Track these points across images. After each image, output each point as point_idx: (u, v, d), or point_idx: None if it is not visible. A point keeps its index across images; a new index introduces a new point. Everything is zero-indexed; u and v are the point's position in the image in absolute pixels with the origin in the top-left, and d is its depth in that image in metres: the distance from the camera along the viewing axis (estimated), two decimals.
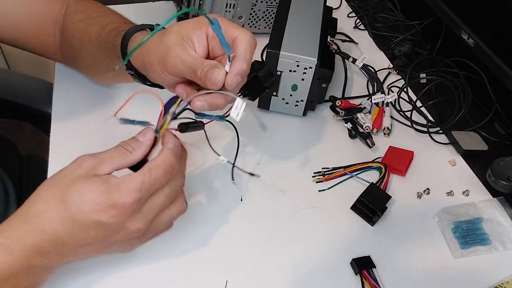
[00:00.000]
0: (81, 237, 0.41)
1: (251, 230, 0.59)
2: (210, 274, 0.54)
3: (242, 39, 0.46)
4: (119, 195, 0.41)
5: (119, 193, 0.41)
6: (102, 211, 0.40)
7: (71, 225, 0.41)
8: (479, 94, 0.77)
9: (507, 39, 0.67)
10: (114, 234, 0.43)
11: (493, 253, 0.59)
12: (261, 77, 0.51)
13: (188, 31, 0.47)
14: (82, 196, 0.40)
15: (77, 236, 0.41)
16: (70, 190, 0.41)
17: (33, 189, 0.45)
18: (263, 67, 0.51)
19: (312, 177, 0.66)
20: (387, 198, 0.62)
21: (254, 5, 0.83)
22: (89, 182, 0.41)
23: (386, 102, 0.76)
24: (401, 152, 0.69)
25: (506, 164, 0.64)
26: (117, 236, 0.43)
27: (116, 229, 0.42)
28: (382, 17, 0.98)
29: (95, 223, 0.41)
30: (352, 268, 0.56)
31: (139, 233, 0.44)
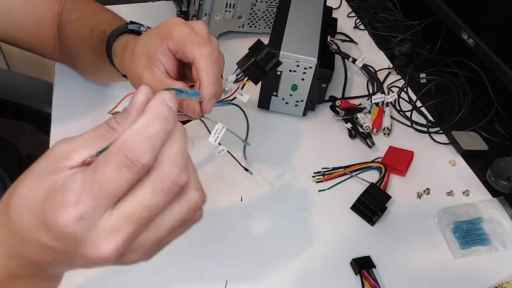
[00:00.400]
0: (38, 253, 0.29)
1: (251, 230, 0.59)
2: (210, 274, 0.54)
3: (200, 61, 0.44)
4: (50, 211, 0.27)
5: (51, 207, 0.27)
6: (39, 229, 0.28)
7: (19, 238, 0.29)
8: (479, 94, 0.77)
9: (507, 39, 0.67)
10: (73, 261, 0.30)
11: (493, 253, 0.59)
12: (260, 61, 0.49)
13: (152, 50, 0.46)
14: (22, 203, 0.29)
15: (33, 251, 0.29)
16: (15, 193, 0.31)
17: None
18: (262, 50, 0.49)
19: (312, 177, 0.66)
20: (387, 198, 0.62)
21: (254, 5, 0.83)
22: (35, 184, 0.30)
23: (386, 102, 0.76)
24: (401, 152, 0.69)
25: (506, 164, 0.64)
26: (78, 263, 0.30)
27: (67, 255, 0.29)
28: (382, 17, 0.98)
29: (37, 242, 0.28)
30: (352, 268, 0.56)
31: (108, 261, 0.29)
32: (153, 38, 0.46)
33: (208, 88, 0.43)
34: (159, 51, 0.45)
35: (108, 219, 0.28)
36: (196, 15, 0.80)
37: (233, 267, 0.54)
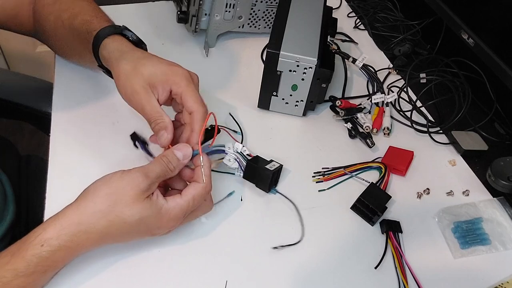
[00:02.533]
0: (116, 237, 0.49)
1: (251, 230, 0.59)
2: (210, 274, 0.54)
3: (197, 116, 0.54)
4: (168, 221, 0.49)
5: (168, 219, 0.49)
6: (151, 232, 0.50)
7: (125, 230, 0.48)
8: (479, 94, 0.77)
9: (507, 39, 0.67)
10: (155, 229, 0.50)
11: (493, 253, 0.59)
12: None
13: (156, 82, 0.54)
14: (139, 220, 0.47)
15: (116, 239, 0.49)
16: (130, 210, 0.47)
17: (32, 189, 0.45)
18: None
19: (312, 177, 0.66)
20: (387, 198, 0.62)
21: (254, 5, 0.83)
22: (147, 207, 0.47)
23: (386, 102, 0.76)
24: (401, 152, 0.69)
25: (506, 164, 0.64)
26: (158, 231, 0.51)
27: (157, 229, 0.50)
28: (382, 17, 0.98)
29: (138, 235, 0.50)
30: (380, 228, 0.60)
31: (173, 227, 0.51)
32: (163, 73, 0.54)
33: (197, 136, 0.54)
34: (161, 87, 0.54)
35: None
36: (196, 15, 0.80)
37: (233, 267, 0.54)
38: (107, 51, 0.58)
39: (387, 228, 0.59)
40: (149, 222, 0.48)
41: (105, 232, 0.46)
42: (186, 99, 0.54)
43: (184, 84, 0.54)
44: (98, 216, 0.46)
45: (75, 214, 0.45)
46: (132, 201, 0.46)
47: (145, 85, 0.53)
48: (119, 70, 0.55)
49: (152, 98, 0.53)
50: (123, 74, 0.54)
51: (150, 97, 0.53)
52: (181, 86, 0.54)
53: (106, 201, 0.46)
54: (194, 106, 0.54)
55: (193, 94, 0.55)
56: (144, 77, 0.53)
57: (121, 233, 0.47)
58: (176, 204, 0.49)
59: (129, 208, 0.46)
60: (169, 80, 0.54)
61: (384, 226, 0.60)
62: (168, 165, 0.50)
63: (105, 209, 0.46)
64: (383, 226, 0.60)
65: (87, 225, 0.45)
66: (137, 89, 0.53)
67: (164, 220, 0.49)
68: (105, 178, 0.48)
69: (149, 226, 0.48)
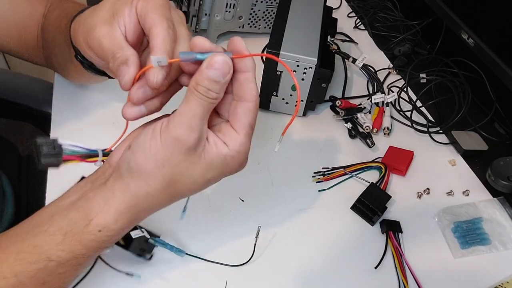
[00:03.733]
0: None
1: (251, 230, 0.58)
2: (210, 274, 0.54)
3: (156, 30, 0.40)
4: (238, 165, 0.42)
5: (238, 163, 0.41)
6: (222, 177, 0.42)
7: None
8: (479, 94, 0.77)
9: (507, 39, 0.67)
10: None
11: (493, 253, 0.59)
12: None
13: (120, 5, 0.41)
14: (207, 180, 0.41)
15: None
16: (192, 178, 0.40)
17: (32, 189, 0.44)
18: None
19: (312, 177, 0.66)
20: (387, 198, 0.62)
21: (254, 5, 0.83)
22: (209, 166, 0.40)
23: (386, 102, 0.76)
24: (401, 152, 0.69)
25: (506, 164, 0.64)
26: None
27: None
28: (382, 17, 0.98)
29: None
30: (380, 228, 0.59)
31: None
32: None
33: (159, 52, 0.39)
34: (127, 8, 0.41)
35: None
36: (196, 15, 0.80)
37: (233, 267, 0.54)
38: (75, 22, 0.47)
39: (387, 228, 0.59)
40: (220, 174, 0.41)
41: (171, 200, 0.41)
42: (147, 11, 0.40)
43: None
44: (156, 196, 0.40)
45: (128, 196, 0.39)
46: (188, 167, 0.39)
47: (107, 17, 0.41)
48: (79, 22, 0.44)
49: (114, 28, 0.41)
50: (82, 21, 0.43)
51: (112, 28, 0.41)
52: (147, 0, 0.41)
53: (160, 178, 0.39)
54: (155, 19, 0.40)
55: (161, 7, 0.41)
56: (107, 7, 0.42)
57: (190, 191, 0.41)
58: (239, 144, 0.40)
59: (190, 178, 0.39)
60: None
61: (384, 226, 0.60)
62: (209, 95, 0.37)
63: (162, 188, 0.39)
64: (383, 226, 0.60)
65: (145, 205, 0.40)
66: (94, 24, 0.41)
67: (234, 166, 0.41)
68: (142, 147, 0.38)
69: (221, 176, 0.41)
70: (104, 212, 0.39)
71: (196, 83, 0.37)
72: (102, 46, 0.41)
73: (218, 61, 0.37)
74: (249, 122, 0.41)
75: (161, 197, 0.40)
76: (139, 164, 0.38)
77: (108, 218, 0.39)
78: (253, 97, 0.40)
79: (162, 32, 0.39)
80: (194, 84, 0.37)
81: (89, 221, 0.39)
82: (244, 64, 0.39)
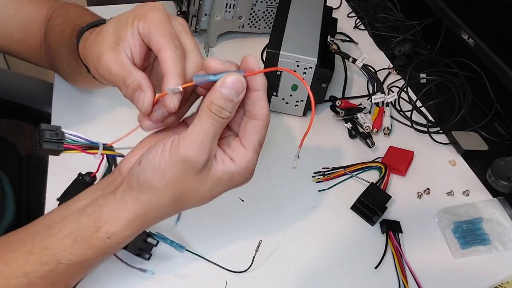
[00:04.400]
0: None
1: (251, 230, 0.58)
2: (210, 274, 0.54)
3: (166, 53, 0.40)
4: (244, 181, 0.42)
5: (245, 179, 0.42)
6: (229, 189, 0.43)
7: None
8: (479, 94, 0.77)
9: (507, 39, 0.67)
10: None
11: (493, 253, 0.59)
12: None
13: (122, 30, 0.41)
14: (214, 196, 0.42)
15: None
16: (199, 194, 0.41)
17: (32, 189, 0.44)
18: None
19: (312, 177, 0.66)
20: (387, 198, 0.62)
21: (254, 5, 0.83)
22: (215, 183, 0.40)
23: (386, 102, 0.76)
24: (401, 152, 0.69)
25: (506, 164, 0.64)
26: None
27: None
28: (382, 17, 0.98)
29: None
30: (380, 228, 0.59)
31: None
32: (126, 16, 0.42)
33: (172, 79, 0.39)
34: (129, 32, 0.41)
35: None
36: (196, 15, 0.80)
37: (233, 267, 0.54)
38: (82, 42, 0.48)
39: (387, 228, 0.59)
40: (226, 189, 0.42)
41: (178, 211, 0.42)
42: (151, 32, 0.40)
43: (151, 15, 0.40)
44: (165, 207, 0.41)
45: (139, 208, 0.40)
46: (197, 185, 0.39)
47: (111, 44, 0.41)
48: (86, 47, 0.45)
49: (120, 54, 0.41)
50: (89, 47, 0.44)
51: (117, 54, 0.41)
52: (147, 20, 0.40)
53: (171, 194, 0.39)
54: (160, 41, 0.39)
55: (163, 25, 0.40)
56: (109, 34, 0.42)
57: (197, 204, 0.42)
58: (247, 161, 0.41)
59: (195, 193, 0.40)
60: (134, 19, 0.41)
61: (384, 226, 0.60)
62: (221, 114, 0.38)
63: (170, 201, 0.40)
64: (383, 226, 0.60)
65: (154, 216, 0.41)
66: (101, 52, 0.42)
67: (241, 181, 0.42)
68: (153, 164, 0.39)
69: (226, 189, 0.42)
70: (114, 221, 0.40)
71: (210, 102, 0.37)
72: (111, 73, 0.41)
73: (232, 80, 0.37)
74: (259, 139, 0.41)
75: (170, 209, 0.41)
76: (149, 180, 0.39)
77: (117, 226, 0.40)
78: (263, 115, 0.41)
79: (170, 54, 0.39)
80: (208, 103, 0.37)
81: (98, 228, 0.40)
82: (256, 83, 0.39)
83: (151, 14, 0.40)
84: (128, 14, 0.42)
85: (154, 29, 0.40)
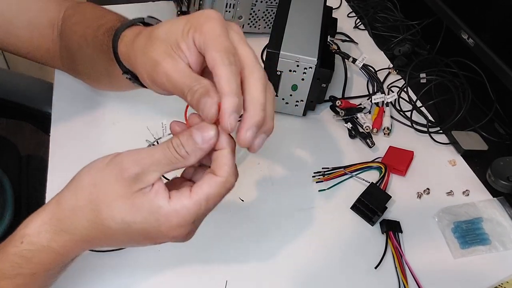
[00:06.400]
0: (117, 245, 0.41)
1: (251, 230, 0.59)
2: (210, 274, 0.54)
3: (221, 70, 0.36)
4: (169, 229, 0.37)
5: (170, 226, 0.37)
6: (149, 241, 0.38)
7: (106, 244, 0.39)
8: (479, 94, 0.77)
9: (507, 39, 0.67)
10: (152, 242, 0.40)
11: (493, 253, 0.59)
12: None
13: (176, 39, 0.39)
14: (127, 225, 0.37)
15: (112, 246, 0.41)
16: (111, 212, 0.37)
17: (32, 189, 0.44)
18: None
19: (312, 177, 0.66)
20: (387, 198, 0.62)
21: (254, 5, 0.83)
22: (134, 208, 0.36)
23: (386, 102, 0.76)
24: (401, 152, 0.69)
25: (506, 164, 0.64)
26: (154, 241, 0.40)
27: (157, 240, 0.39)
28: (382, 17, 0.98)
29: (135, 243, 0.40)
30: (380, 228, 0.59)
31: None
32: (181, 25, 0.39)
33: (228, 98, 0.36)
34: (184, 42, 0.39)
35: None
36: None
37: (233, 267, 0.54)
38: (124, 43, 0.46)
39: (387, 228, 0.59)
40: (143, 228, 0.37)
41: (89, 236, 0.38)
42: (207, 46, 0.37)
43: (208, 27, 0.38)
44: (78, 215, 0.37)
45: (57, 208, 0.38)
46: (114, 197, 0.36)
47: (167, 50, 0.39)
48: (135, 51, 0.43)
49: (178, 61, 0.39)
50: (139, 52, 0.42)
51: (176, 61, 0.39)
52: (203, 32, 0.38)
53: (87, 195, 0.37)
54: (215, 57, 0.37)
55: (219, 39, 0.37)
56: (162, 40, 0.40)
57: (109, 240, 0.38)
58: (181, 206, 0.37)
59: (109, 209, 0.36)
60: (190, 30, 0.38)
61: (384, 226, 0.60)
62: (178, 149, 0.37)
63: (84, 207, 0.37)
64: (383, 226, 0.60)
65: (68, 224, 0.38)
66: (157, 59, 0.39)
67: (164, 227, 0.37)
68: (92, 163, 0.38)
69: (145, 233, 0.37)
70: (30, 222, 0.38)
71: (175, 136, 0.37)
72: (171, 81, 0.39)
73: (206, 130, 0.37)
74: (207, 193, 0.37)
75: (83, 223, 0.37)
76: (79, 174, 0.38)
77: (31, 227, 0.38)
78: (224, 173, 0.38)
79: (225, 72, 0.36)
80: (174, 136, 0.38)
81: (18, 231, 0.39)
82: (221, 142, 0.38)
83: (207, 26, 0.38)
84: (184, 22, 0.40)
85: (210, 43, 0.37)
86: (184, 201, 0.37)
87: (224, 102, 0.36)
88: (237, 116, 0.37)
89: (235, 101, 0.36)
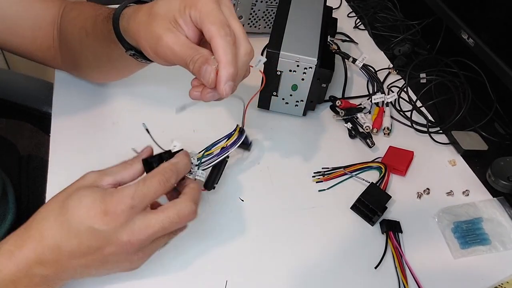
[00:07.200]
0: (75, 244, 0.41)
1: (251, 230, 0.59)
2: (210, 274, 0.54)
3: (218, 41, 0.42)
4: (111, 201, 0.41)
5: (112, 199, 0.41)
6: (95, 217, 0.40)
7: (66, 230, 0.41)
8: (479, 94, 0.77)
9: (507, 39, 0.67)
10: (107, 245, 0.41)
11: (493, 253, 0.59)
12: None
13: (174, 15, 0.44)
14: (79, 202, 0.41)
15: (72, 242, 0.41)
16: (70, 198, 0.42)
17: (32, 189, 0.45)
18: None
19: (312, 177, 0.66)
20: (387, 198, 0.62)
21: (254, 5, 0.83)
22: (89, 190, 0.42)
23: (386, 102, 0.76)
24: (401, 152, 0.69)
25: (506, 164, 0.64)
26: (110, 248, 0.41)
27: (107, 238, 0.41)
28: (382, 17, 0.98)
29: (87, 228, 0.40)
30: (380, 228, 0.59)
31: (132, 247, 0.42)
32: (177, 4, 0.44)
33: (225, 68, 0.42)
34: (181, 19, 0.44)
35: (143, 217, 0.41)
36: None
37: (233, 267, 0.54)
38: (126, 19, 0.50)
39: (387, 228, 0.59)
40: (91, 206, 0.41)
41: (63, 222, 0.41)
42: (203, 21, 0.43)
43: (202, 3, 0.43)
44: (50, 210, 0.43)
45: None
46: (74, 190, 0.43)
47: (167, 25, 0.44)
48: (138, 26, 0.47)
49: (179, 35, 0.44)
50: (142, 27, 0.46)
51: (176, 35, 0.44)
52: (198, 8, 0.43)
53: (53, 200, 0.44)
54: (212, 29, 0.42)
55: (213, 13, 0.43)
56: (162, 17, 0.44)
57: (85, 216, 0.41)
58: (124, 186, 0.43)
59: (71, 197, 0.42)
60: (186, 7, 0.44)
61: (384, 226, 0.60)
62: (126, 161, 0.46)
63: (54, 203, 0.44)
64: (383, 226, 0.60)
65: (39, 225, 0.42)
66: (159, 34, 0.44)
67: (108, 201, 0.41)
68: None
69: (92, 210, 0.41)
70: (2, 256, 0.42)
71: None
72: (174, 53, 0.44)
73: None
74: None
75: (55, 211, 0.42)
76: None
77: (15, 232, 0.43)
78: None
79: (222, 42, 0.42)
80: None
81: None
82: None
83: (201, 2, 0.43)
84: (179, 1, 0.44)
85: (205, 17, 0.42)
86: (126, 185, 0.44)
87: (220, 71, 0.42)
88: (232, 84, 0.43)
89: (231, 70, 0.42)
